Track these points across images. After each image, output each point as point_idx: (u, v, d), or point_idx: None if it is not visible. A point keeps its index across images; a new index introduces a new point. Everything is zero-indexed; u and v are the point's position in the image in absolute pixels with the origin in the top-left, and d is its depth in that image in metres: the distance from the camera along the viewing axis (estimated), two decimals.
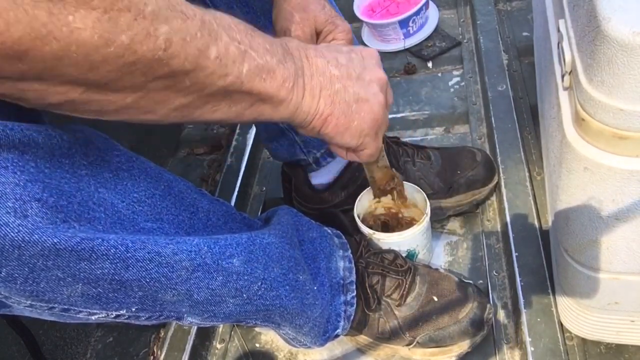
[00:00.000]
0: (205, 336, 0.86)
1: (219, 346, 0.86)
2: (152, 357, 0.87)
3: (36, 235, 0.39)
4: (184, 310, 0.53)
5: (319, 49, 0.52)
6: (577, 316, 0.64)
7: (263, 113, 0.47)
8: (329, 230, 0.75)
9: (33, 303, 0.43)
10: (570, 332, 0.70)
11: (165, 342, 0.85)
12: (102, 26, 0.33)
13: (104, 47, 0.34)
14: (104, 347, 0.91)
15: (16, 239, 0.38)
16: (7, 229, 0.37)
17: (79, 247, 0.41)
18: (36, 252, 0.39)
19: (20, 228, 0.38)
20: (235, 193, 1.03)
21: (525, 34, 1.18)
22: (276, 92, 0.46)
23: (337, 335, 0.72)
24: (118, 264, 0.44)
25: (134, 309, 0.48)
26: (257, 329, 0.86)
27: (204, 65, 0.40)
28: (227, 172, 1.08)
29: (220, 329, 0.88)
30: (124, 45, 0.34)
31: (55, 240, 0.40)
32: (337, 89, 0.51)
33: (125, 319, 0.50)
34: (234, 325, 0.88)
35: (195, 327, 0.84)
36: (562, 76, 0.50)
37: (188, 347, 0.82)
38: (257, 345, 0.85)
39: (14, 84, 0.34)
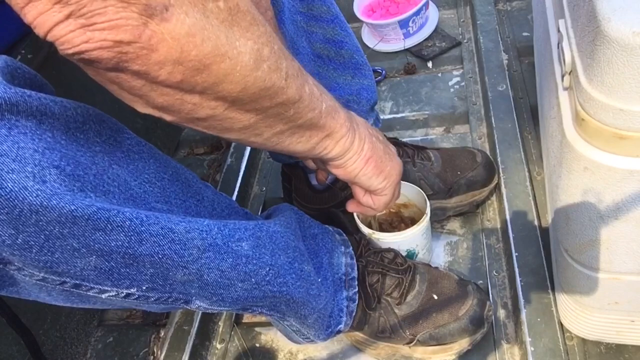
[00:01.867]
0: (205, 336, 0.86)
1: (219, 346, 0.86)
2: (152, 357, 0.87)
3: (54, 201, 0.39)
4: (193, 292, 0.53)
5: None
6: (577, 316, 0.64)
7: (327, 147, 0.57)
8: (330, 228, 0.76)
9: (46, 276, 0.43)
10: (570, 332, 0.70)
11: (165, 342, 0.85)
12: (254, 54, 0.42)
13: (255, 70, 0.42)
14: (104, 347, 0.91)
15: (34, 203, 0.38)
16: (26, 193, 0.38)
17: (96, 217, 0.41)
18: (53, 219, 0.39)
19: (39, 192, 0.38)
20: (235, 193, 1.03)
21: (525, 34, 1.18)
22: (340, 128, 0.57)
23: (339, 331, 0.72)
24: (132, 237, 0.44)
25: (144, 288, 0.49)
26: (257, 329, 0.87)
27: (304, 97, 0.49)
28: (227, 172, 1.08)
29: (220, 329, 0.88)
30: (265, 71, 0.43)
31: (72, 207, 0.40)
32: (373, 141, 0.63)
33: (134, 299, 0.50)
34: (234, 325, 0.88)
35: (196, 327, 0.84)
36: (562, 76, 0.50)
37: (188, 347, 0.82)
38: (257, 345, 0.85)
39: (181, 96, 0.41)
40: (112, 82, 0.39)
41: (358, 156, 0.60)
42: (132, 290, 0.48)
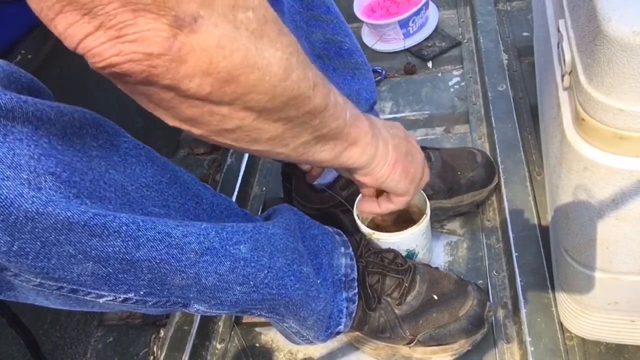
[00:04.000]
0: (205, 336, 0.86)
1: (219, 346, 0.86)
2: (152, 357, 0.87)
3: (50, 208, 0.39)
4: (191, 295, 0.53)
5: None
6: (577, 316, 0.64)
7: (352, 156, 0.56)
8: (330, 229, 0.76)
9: (42, 282, 0.43)
10: (570, 332, 0.70)
11: (165, 342, 0.85)
12: (283, 63, 0.41)
13: (284, 80, 0.42)
14: (104, 347, 0.91)
15: (30, 210, 0.38)
16: (22, 200, 0.38)
17: (92, 223, 0.41)
18: (49, 225, 0.39)
19: (34, 200, 0.38)
20: (235, 193, 1.03)
21: (525, 34, 1.18)
22: (365, 136, 0.56)
23: (339, 332, 0.72)
24: (129, 243, 0.44)
25: (142, 292, 0.49)
26: (257, 329, 0.87)
27: (329, 106, 0.49)
28: (227, 172, 1.08)
29: (220, 329, 0.88)
30: (294, 80, 0.43)
31: (68, 214, 0.40)
32: (396, 143, 0.62)
33: (132, 303, 0.50)
34: (234, 325, 0.88)
35: (196, 327, 0.84)
36: (562, 76, 0.50)
37: (188, 347, 0.82)
38: (257, 345, 0.85)
39: (210, 107, 0.40)
40: (142, 95, 0.39)
41: (385, 161, 0.60)
42: (129, 295, 0.48)
